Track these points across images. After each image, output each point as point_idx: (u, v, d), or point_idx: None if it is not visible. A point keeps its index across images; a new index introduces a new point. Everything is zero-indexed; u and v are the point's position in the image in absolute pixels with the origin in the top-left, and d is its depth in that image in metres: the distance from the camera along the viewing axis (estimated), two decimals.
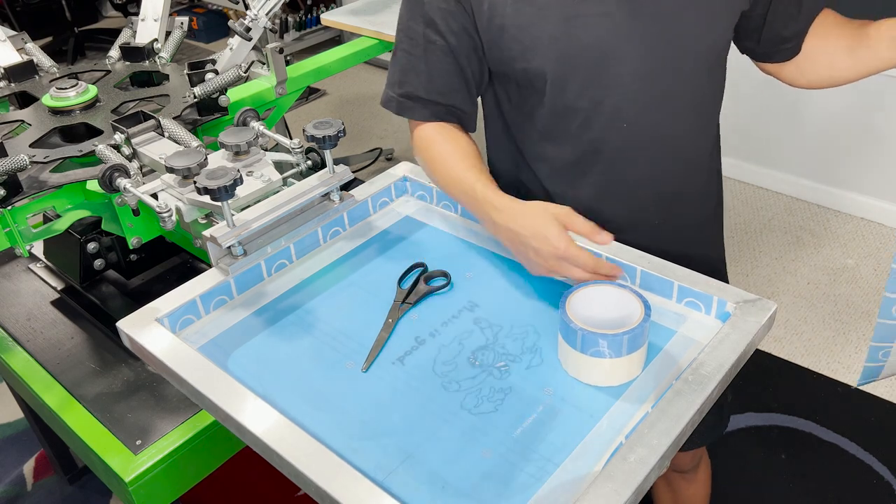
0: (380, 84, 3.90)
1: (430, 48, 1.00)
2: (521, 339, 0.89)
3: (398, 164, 1.19)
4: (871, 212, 2.66)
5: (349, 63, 1.83)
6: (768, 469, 1.82)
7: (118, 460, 0.99)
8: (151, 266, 1.33)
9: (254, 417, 0.76)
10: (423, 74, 1.02)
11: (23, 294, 1.31)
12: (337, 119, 1.06)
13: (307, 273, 1.02)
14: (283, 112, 1.68)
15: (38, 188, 1.10)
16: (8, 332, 1.22)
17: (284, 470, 0.73)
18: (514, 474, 0.73)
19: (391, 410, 0.81)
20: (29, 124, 1.24)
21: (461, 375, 0.85)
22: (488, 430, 0.78)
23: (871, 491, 1.74)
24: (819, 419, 1.92)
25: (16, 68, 1.38)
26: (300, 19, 4.05)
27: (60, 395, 1.10)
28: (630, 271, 0.95)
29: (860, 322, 2.23)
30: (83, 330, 1.22)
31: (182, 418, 1.04)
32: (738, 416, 1.95)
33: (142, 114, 1.22)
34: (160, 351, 0.86)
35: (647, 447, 0.70)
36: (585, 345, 0.80)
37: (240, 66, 1.33)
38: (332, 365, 0.87)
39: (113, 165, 1.06)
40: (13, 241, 1.12)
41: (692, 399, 0.76)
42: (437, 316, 0.94)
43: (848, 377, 2.05)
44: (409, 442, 0.77)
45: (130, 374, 1.12)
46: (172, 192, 1.09)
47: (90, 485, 1.84)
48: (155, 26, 1.48)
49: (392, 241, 1.08)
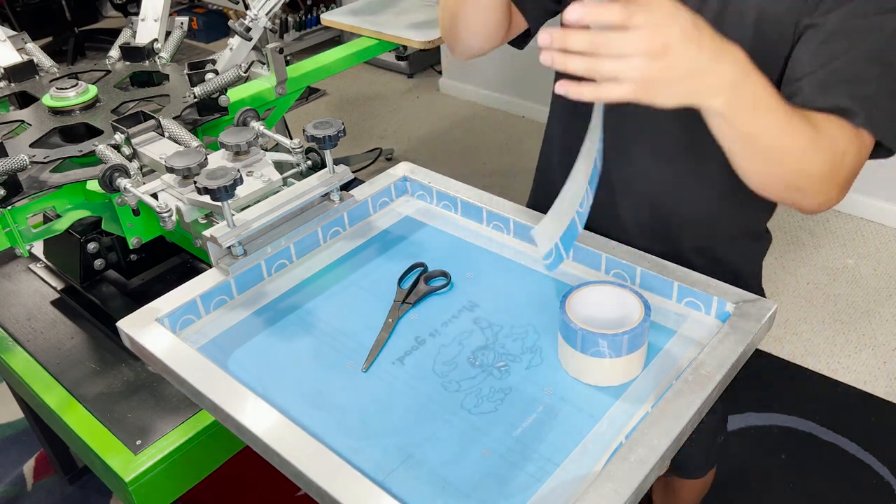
0: (380, 84, 3.91)
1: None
2: (521, 339, 0.89)
3: (398, 164, 1.19)
4: (871, 212, 2.66)
5: (349, 63, 1.82)
6: (768, 469, 1.82)
7: (118, 460, 0.99)
8: (151, 266, 1.33)
9: (254, 417, 0.76)
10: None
11: (23, 294, 1.31)
12: (337, 119, 1.06)
13: (307, 273, 1.02)
14: (283, 112, 1.68)
15: (38, 188, 1.10)
16: (8, 332, 1.22)
17: (284, 470, 0.73)
18: (514, 474, 0.73)
19: (391, 410, 0.81)
20: (29, 124, 1.24)
21: (461, 375, 0.85)
22: (488, 430, 0.78)
23: (871, 491, 1.74)
24: (819, 419, 1.92)
25: (16, 68, 1.38)
26: (300, 19, 4.05)
27: (60, 395, 1.09)
28: (630, 271, 0.95)
29: (860, 322, 2.23)
30: (83, 330, 1.22)
31: (182, 418, 1.04)
32: (738, 416, 1.95)
33: (142, 114, 1.22)
34: (160, 351, 0.86)
35: (647, 447, 0.70)
36: (585, 345, 0.80)
37: (240, 66, 1.33)
38: (332, 365, 0.87)
39: (113, 165, 1.06)
40: (13, 241, 1.12)
41: (692, 399, 0.76)
42: (437, 316, 0.94)
43: (848, 377, 2.05)
44: (409, 442, 0.77)
45: (130, 374, 1.12)
46: (172, 192, 1.09)
47: (90, 485, 1.83)
48: (155, 26, 1.48)
49: (392, 241, 1.08)
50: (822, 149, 0.76)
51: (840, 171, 0.79)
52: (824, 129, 0.77)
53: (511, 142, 3.31)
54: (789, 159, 0.76)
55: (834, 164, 0.78)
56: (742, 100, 0.70)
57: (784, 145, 0.74)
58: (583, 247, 0.99)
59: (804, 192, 0.80)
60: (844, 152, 0.78)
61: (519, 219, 1.05)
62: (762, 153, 0.75)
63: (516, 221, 1.05)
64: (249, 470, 1.65)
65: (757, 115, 0.71)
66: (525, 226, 1.04)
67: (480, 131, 3.43)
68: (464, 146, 3.30)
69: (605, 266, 0.98)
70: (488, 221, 1.09)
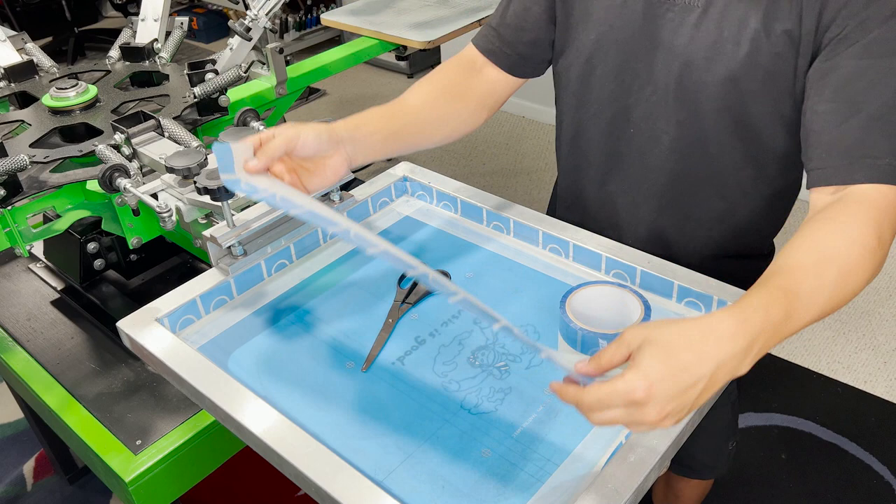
0: (380, 84, 3.90)
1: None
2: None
3: (398, 164, 1.19)
4: None
5: (349, 63, 1.82)
6: (768, 469, 1.82)
7: (118, 460, 0.99)
8: (151, 266, 1.33)
9: (254, 417, 0.76)
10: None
11: (23, 294, 1.31)
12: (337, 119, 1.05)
13: (307, 273, 1.02)
14: (283, 112, 1.68)
15: (38, 188, 1.10)
16: (8, 332, 1.22)
17: (284, 470, 0.73)
18: (514, 474, 0.73)
19: (391, 410, 0.81)
20: (29, 124, 1.24)
21: (461, 375, 0.85)
22: (488, 430, 0.78)
23: (871, 491, 1.74)
24: (819, 419, 1.92)
25: (16, 68, 1.38)
26: (300, 19, 4.05)
27: (60, 395, 1.09)
28: (630, 271, 0.95)
29: (860, 322, 2.23)
30: (83, 330, 1.22)
31: (182, 418, 1.04)
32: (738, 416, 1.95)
33: (142, 114, 1.22)
34: (160, 351, 0.86)
35: (647, 447, 0.70)
36: (585, 345, 0.80)
37: (240, 66, 1.33)
38: (332, 365, 0.87)
39: (113, 165, 1.06)
40: (13, 241, 1.12)
41: None
42: (437, 316, 0.94)
43: (848, 377, 2.05)
44: (409, 442, 0.77)
45: (130, 374, 1.12)
46: (172, 192, 1.09)
47: (90, 485, 1.83)
48: (155, 26, 1.48)
49: (392, 241, 1.08)
50: (862, 251, 0.71)
51: (889, 238, 0.73)
52: (856, 227, 0.72)
53: (511, 142, 3.31)
54: (851, 289, 0.71)
55: (881, 247, 0.72)
56: (763, 343, 0.64)
57: (838, 296, 0.69)
58: (583, 247, 0.99)
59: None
60: (884, 224, 0.73)
61: (519, 219, 1.05)
62: (833, 309, 0.70)
63: (516, 221, 1.05)
64: (249, 470, 1.65)
65: (791, 324, 0.66)
66: (525, 226, 1.05)
67: (480, 131, 3.43)
68: (464, 146, 3.30)
69: (605, 266, 0.98)
70: (488, 221, 1.09)
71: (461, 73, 1.03)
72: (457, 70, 1.03)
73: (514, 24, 1.01)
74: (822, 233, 0.72)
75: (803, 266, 0.69)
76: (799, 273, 0.69)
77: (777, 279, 0.68)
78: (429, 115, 0.97)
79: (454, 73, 1.02)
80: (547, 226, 1.03)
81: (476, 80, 1.03)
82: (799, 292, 0.67)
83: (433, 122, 0.98)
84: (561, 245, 1.02)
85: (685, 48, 0.87)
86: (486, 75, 1.04)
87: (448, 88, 1.01)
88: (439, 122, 0.99)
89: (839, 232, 0.72)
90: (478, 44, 1.04)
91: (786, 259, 0.71)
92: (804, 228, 0.74)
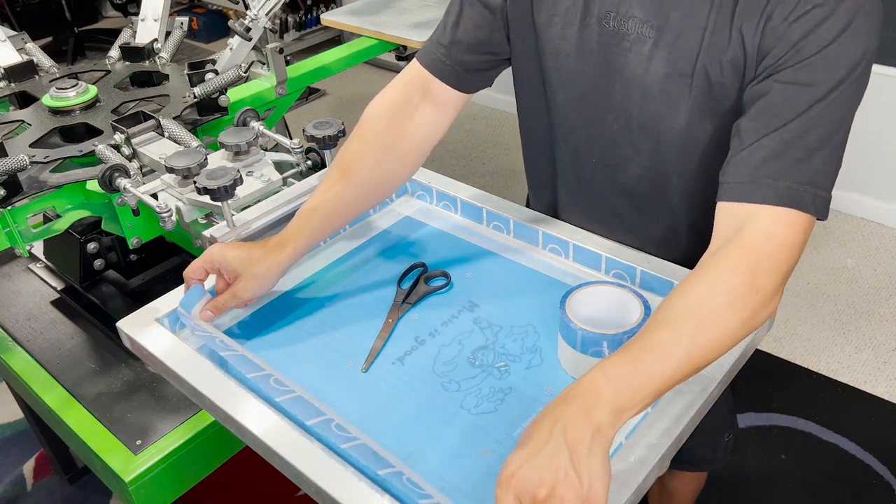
0: (380, 84, 3.90)
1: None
2: (521, 339, 0.89)
3: None
4: (871, 212, 2.66)
5: (349, 63, 1.82)
6: (768, 469, 1.82)
7: (118, 460, 0.99)
8: (151, 266, 1.33)
9: (254, 417, 0.76)
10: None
11: (23, 294, 1.31)
12: (337, 119, 1.06)
13: (307, 273, 1.02)
14: (283, 112, 1.68)
15: (38, 188, 1.10)
16: (8, 332, 1.22)
17: (284, 470, 0.73)
18: None
19: (391, 410, 0.81)
20: (29, 124, 1.24)
21: (461, 375, 0.85)
22: (488, 430, 0.78)
23: (871, 491, 1.74)
24: (819, 419, 1.92)
25: (16, 68, 1.38)
26: (300, 19, 4.05)
27: (60, 395, 1.09)
28: (630, 271, 0.95)
29: (860, 322, 2.23)
30: (83, 330, 1.22)
31: (182, 418, 1.04)
32: (738, 416, 1.95)
33: (142, 114, 1.22)
34: (160, 351, 0.86)
35: (647, 447, 0.70)
36: (585, 345, 0.80)
37: (240, 66, 1.33)
38: (333, 365, 0.87)
39: (113, 165, 1.06)
40: (13, 241, 1.12)
41: (692, 399, 0.76)
42: (437, 316, 0.94)
43: (848, 377, 2.05)
44: (409, 442, 0.77)
45: (130, 374, 1.12)
46: (172, 192, 1.09)
47: (90, 485, 1.83)
48: (155, 26, 1.48)
49: (392, 241, 1.08)
50: (730, 299, 0.71)
51: (768, 283, 0.73)
52: (722, 267, 0.73)
53: (511, 142, 3.31)
54: (715, 337, 0.71)
55: (755, 291, 0.72)
56: (612, 396, 0.66)
57: (700, 345, 0.70)
58: (583, 247, 0.99)
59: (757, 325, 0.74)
60: (766, 256, 0.73)
61: (519, 219, 1.05)
62: (704, 357, 0.71)
63: (516, 221, 1.05)
64: (249, 470, 1.65)
65: (641, 376, 0.68)
66: (525, 226, 1.05)
67: (480, 131, 3.43)
68: (464, 146, 3.30)
69: (605, 266, 0.98)
70: (488, 221, 1.09)
71: (394, 117, 0.97)
72: (390, 115, 0.97)
73: (467, 42, 0.96)
74: (691, 283, 0.74)
75: (666, 318, 0.71)
76: (661, 325, 0.71)
77: (640, 334, 0.72)
78: (369, 183, 0.96)
79: (387, 120, 0.96)
80: (547, 226, 1.03)
81: (410, 122, 0.97)
82: (651, 344, 0.69)
83: (373, 190, 0.98)
84: (561, 245, 1.02)
85: (641, 80, 0.87)
86: (434, 96, 0.98)
87: (383, 140, 0.96)
88: (379, 186, 0.98)
89: (704, 282, 0.73)
90: (427, 63, 0.97)
91: (657, 311, 0.73)
92: (684, 280, 0.75)
